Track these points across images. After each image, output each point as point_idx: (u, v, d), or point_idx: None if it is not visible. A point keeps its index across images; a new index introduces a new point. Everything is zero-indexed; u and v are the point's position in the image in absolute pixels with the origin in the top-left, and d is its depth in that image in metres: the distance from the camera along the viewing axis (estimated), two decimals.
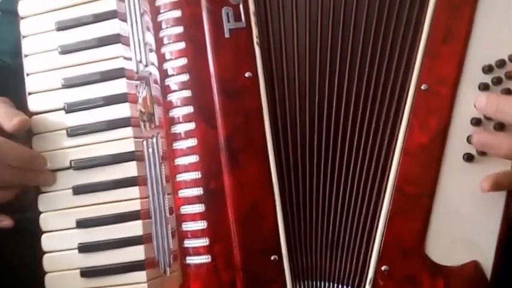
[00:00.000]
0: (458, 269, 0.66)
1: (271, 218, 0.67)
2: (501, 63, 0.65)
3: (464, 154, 0.66)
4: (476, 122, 0.66)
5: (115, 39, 0.72)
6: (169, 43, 0.69)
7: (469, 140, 0.65)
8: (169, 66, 0.70)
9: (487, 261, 0.66)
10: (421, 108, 0.66)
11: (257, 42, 0.68)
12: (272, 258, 0.67)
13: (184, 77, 0.69)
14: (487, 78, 0.66)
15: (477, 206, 0.66)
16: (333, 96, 0.68)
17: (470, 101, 0.66)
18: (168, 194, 0.71)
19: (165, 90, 0.70)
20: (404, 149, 0.67)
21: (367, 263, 0.68)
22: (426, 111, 0.66)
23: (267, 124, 0.68)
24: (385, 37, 0.68)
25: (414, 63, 0.67)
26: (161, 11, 0.70)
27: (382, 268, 0.67)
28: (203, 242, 0.69)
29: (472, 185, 0.65)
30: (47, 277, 0.73)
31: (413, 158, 0.66)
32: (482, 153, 0.65)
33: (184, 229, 0.70)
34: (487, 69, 0.66)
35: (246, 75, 0.68)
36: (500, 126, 0.65)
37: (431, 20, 0.67)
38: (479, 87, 0.66)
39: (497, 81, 0.65)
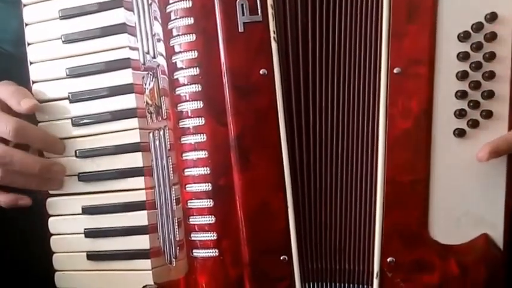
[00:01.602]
0: (468, 246, 0.66)
1: (282, 218, 0.66)
2: (478, 27, 0.62)
3: (455, 130, 0.64)
4: (462, 94, 0.63)
5: (120, 29, 0.69)
6: (178, 35, 0.66)
7: (456, 113, 0.63)
8: (178, 59, 0.66)
9: (497, 232, 0.65)
10: (398, 92, 0.64)
11: (274, 38, 0.64)
12: (281, 258, 0.67)
13: (194, 71, 0.66)
14: (465, 46, 0.63)
15: (477, 179, 0.65)
16: (337, 93, 0.66)
17: (451, 74, 0.63)
18: (175, 185, 0.70)
19: (174, 83, 0.67)
20: (388, 138, 0.65)
21: (372, 258, 0.67)
22: (404, 95, 0.64)
23: (282, 124, 0.65)
24: (349, 25, 0.65)
25: (381, 48, 0.64)
26: (170, 1, 0.66)
27: (388, 260, 0.66)
28: (211, 236, 0.68)
29: (468, 159, 0.64)
30: (55, 257, 0.75)
31: (400, 145, 0.65)
32: (474, 126, 0.64)
33: (192, 222, 0.69)
34: (463, 37, 0.63)
35: (261, 72, 0.64)
36: (489, 94, 0.63)
37: (390, 1, 0.63)
38: (458, 58, 0.63)
39: (477, 46, 0.63)
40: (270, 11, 0.64)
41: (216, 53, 0.65)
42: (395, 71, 0.63)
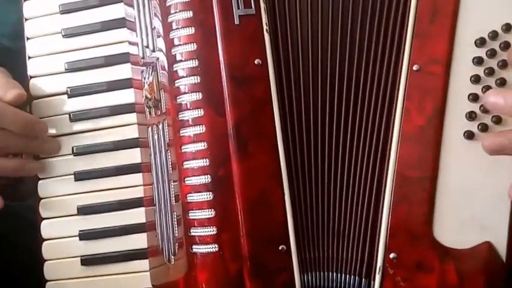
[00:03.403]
0: (469, 252, 0.65)
1: (280, 207, 0.67)
2: (494, 35, 0.65)
3: (465, 132, 0.65)
4: (474, 98, 0.65)
5: (120, 23, 0.70)
6: (177, 28, 0.68)
7: (467, 115, 0.65)
8: (177, 52, 0.68)
9: (501, 241, 0.65)
10: (415, 89, 0.66)
11: (266, 30, 0.67)
12: (280, 248, 0.67)
13: (193, 63, 0.67)
14: (481, 52, 0.65)
15: (484, 184, 0.65)
16: (340, 84, 0.68)
17: (466, 77, 0.65)
18: (174, 182, 0.70)
19: (173, 76, 0.69)
20: (401, 133, 0.66)
21: (375, 252, 0.67)
22: (421, 92, 0.66)
23: (276, 112, 0.67)
24: (373, 22, 0.68)
25: (404, 45, 0.66)
26: None
27: (391, 256, 0.66)
28: (210, 231, 0.68)
29: (477, 162, 0.65)
30: (46, 265, 0.72)
31: (412, 141, 0.66)
32: (483, 130, 0.65)
33: (191, 217, 0.69)
34: (480, 43, 0.65)
35: (256, 62, 0.67)
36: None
37: (417, 1, 0.66)
38: (473, 62, 0.65)
39: (492, 53, 0.65)
40: (262, 4, 0.67)
41: (214, 45, 0.67)
42: (414, 67, 0.66)
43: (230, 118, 0.67)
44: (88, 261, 0.72)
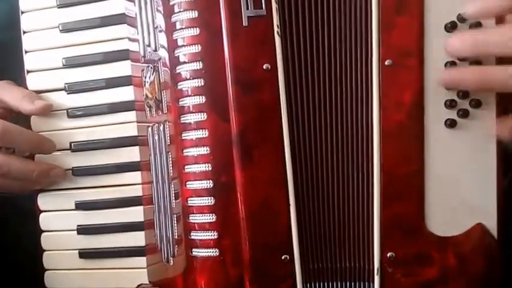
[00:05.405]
0: (464, 236, 0.65)
1: (284, 216, 0.65)
2: (463, 17, 0.62)
3: (446, 120, 0.64)
4: None
5: (119, 19, 0.67)
6: (181, 28, 0.64)
7: (446, 104, 0.64)
8: (181, 53, 0.65)
9: (492, 221, 0.65)
10: (391, 84, 0.64)
11: (277, 32, 0.63)
12: (283, 257, 0.66)
13: (197, 66, 0.64)
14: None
15: (469, 169, 0.65)
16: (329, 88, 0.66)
17: (441, 65, 0.63)
18: (174, 179, 0.69)
19: (176, 78, 0.66)
20: (382, 131, 0.64)
21: (372, 253, 0.66)
22: (397, 87, 0.64)
23: (285, 119, 0.64)
24: (340, 21, 0.65)
25: (371, 40, 0.64)
26: None
27: (388, 255, 0.66)
28: (211, 235, 0.67)
29: (460, 150, 0.64)
30: (45, 255, 0.72)
31: (394, 138, 0.64)
32: (464, 115, 0.64)
33: (192, 221, 0.68)
34: (450, 27, 0.63)
35: (264, 67, 0.63)
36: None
37: None
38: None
39: None
40: (274, 5, 0.63)
41: (219, 47, 0.64)
42: (386, 63, 0.64)
43: (234, 124, 0.64)
44: (86, 254, 0.71)
